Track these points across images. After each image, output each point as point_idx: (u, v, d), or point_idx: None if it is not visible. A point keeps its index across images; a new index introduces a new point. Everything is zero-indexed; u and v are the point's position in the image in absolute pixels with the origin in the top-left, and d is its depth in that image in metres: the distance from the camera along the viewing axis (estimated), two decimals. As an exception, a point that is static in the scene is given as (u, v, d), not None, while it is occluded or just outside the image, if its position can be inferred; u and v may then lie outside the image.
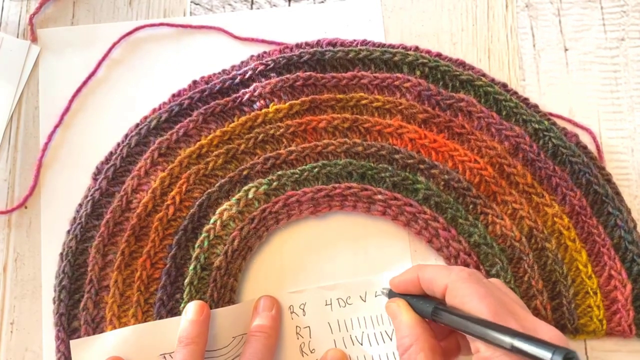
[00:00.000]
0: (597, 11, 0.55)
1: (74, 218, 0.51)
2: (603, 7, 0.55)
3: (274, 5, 0.57)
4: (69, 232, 0.50)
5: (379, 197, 0.49)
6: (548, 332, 0.36)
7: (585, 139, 0.51)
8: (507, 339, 0.34)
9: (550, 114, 0.52)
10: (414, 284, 0.42)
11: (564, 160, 0.49)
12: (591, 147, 0.51)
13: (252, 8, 0.57)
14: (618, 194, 0.49)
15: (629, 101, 0.52)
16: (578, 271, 0.47)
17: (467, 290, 0.38)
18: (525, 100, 0.52)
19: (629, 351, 0.47)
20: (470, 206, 0.49)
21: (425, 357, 0.39)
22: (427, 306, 0.41)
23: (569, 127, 0.52)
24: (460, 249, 0.48)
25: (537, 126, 0.50)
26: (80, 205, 0.51)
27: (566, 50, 0.54)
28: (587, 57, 0.54)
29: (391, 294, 0.45)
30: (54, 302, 0.49)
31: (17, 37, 0.57)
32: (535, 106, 0.52)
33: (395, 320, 0.42)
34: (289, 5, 0.57)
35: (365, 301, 0.48)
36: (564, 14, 0.55)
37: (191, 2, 0.57)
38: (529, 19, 0.55)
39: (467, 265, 0.47)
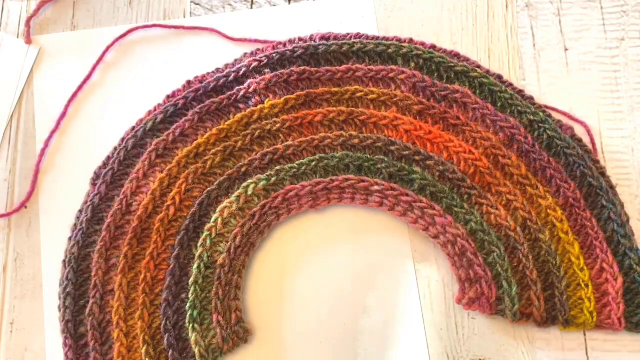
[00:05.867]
0: (597, 11, 0.55)
1: (75, 224, 0.50)
2: (603, 7, 0.55)
3: (274, 5, 0.57)
4: (70, 238, 0.50)
5: (376, 187, 0.49)
6: None
7: (580, 132, 0.51)
8: None
9: (546, 107, 0.52)
10: None
11: (558, 152, 0.49)
12: (587, 140, 0.51)
13: (252, 8, 0.57)
14: (612, 187, 0.49)
15: (629, 101, 0.53)
16: (570, 263, 0.47)
17: None
18: (520, 92, 0.52)
19: (630, 351, 0.47)
20: (465, 197, 0.49)
21: None
22: None
23: (565, 121, 0.52)
24: (457, 234, 0.48)
25: (532, 118, 0.50)
26: (81, 211, 0.51)
27: (566, 50, 0.54)
28: (587, 57, 0.54)
29: None
30: (59, 310, 0.48)
31: (18, 37, 0.56)
32: (531, 98, 0.52)
33: None
34: (289, 3, 0.57)
35: None
36: (564, 14, 0.55)
37: (191, 2, 0.57)
38: (529, 19, 0.55)
39: (464, 251, 0.47)
